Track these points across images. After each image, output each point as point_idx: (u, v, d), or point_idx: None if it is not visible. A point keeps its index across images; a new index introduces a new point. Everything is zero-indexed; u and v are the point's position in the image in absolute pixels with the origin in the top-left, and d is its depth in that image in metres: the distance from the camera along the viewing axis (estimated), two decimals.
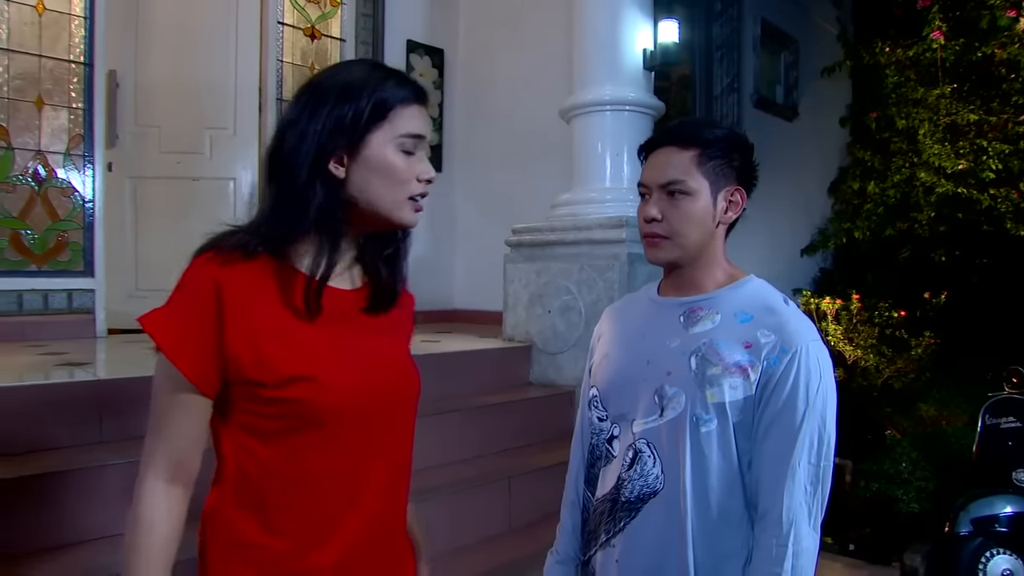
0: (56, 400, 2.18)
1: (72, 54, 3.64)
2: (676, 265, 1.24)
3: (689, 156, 1.19)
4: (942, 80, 5.75)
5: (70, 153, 3.64)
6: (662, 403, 1.17)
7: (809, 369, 1.11)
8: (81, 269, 3.64)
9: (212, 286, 0.93)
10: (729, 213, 1.22)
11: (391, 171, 0.98)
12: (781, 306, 1.18)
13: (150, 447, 0.96)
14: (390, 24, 4.79)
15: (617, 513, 1.21)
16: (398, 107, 0.98)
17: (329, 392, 0.96)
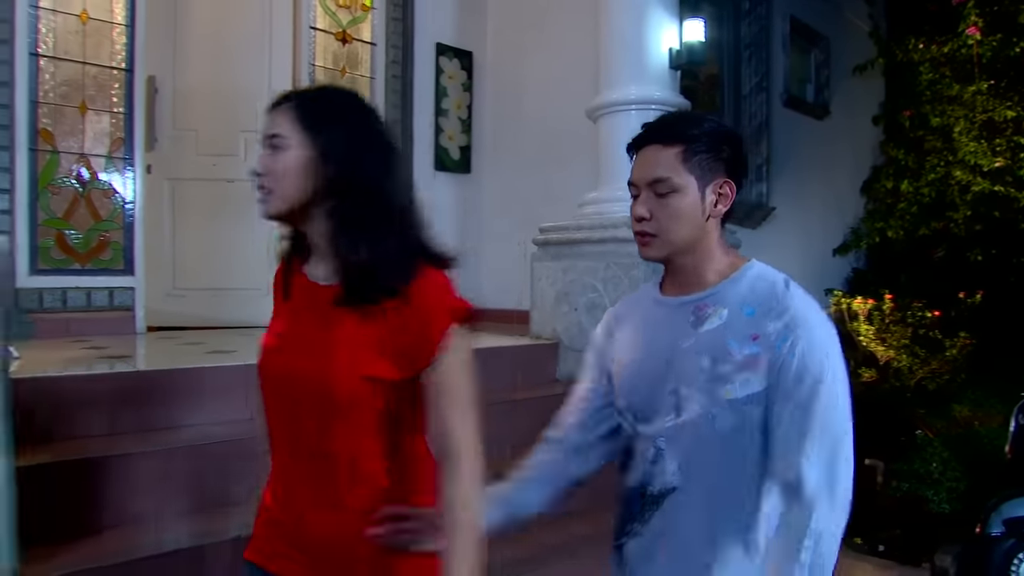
0: (97, 391, 2.27)
1: (114, 61, 3.77)
2: (671, 261, 1.25)
3: (674, 152, 1.19)
4: (978, 76, 5.64)
5: (111, 156, 3.77)
6: (678, 403, 1.18)
7: (816, 351, 1.12)
8: (122, 268, 3.77)
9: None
10: (719, 206, 1.21)
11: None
12: (782, 290, 1.18)
13: None
14: (420, 28, 4.86)
15: (645, 505, 1.24)
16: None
17: (263, 364, 1.18)
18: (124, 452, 2.08)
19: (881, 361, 4.76)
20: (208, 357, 2.86)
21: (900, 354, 4.68)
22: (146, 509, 2.04)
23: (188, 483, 2.11)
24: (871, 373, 4.73)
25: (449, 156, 5.11)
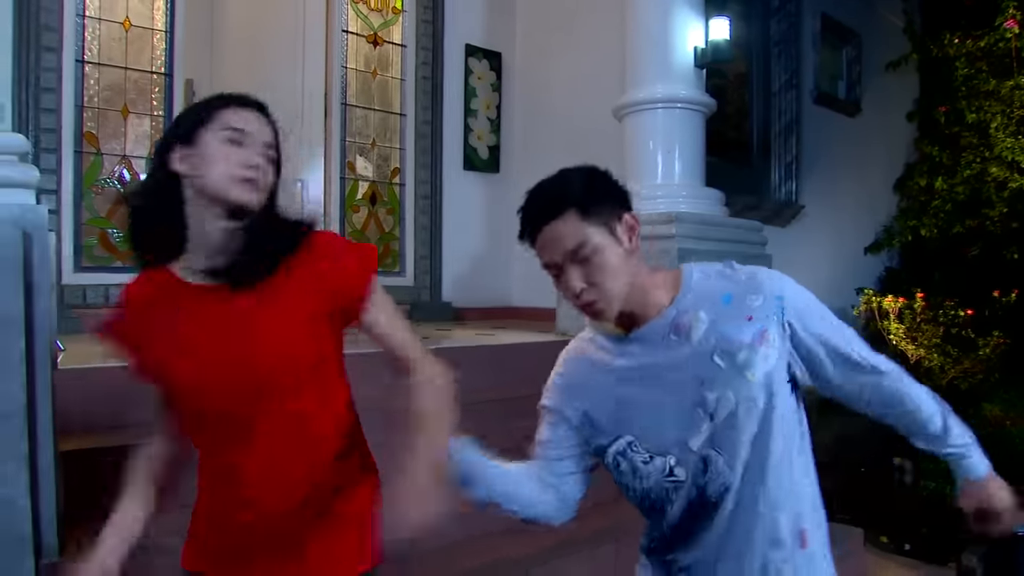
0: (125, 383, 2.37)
1: (154, 66, 3.92)
2: (620, 312, 1.23)
3: (571, 219, 1.18)
4: (1016, 70, 5.54)
5: (151, 158, 3.91)
6: (708, 410, 1.19)
7: (798, 295, 1.24)
8: None
9: (123, 304, 1.27)
10: (634, 240, 1.22)
11: (213, 157, 1.17)
12: (733, 271, 1.26)
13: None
14: (449, 29, 4.94)
15: (702, 516, 1.24)
16: (216, 111, 1.20)
17: (176, 373, 1.19)
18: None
19: (912, 360, 4.72)
20: None
21: (931, 353, 4.64)
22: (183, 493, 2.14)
23: None
24: None
25: (478, 156, 5.18)
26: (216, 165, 1.15)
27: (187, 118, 1.22)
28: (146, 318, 1.20)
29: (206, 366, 1.15)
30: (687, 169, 3.62)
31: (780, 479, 1.21)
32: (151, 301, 1.20)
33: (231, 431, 1.17)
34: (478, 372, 3.20)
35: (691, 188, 3.61)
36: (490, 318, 4.96)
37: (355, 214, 4.70)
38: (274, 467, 1.17)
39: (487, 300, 5.08)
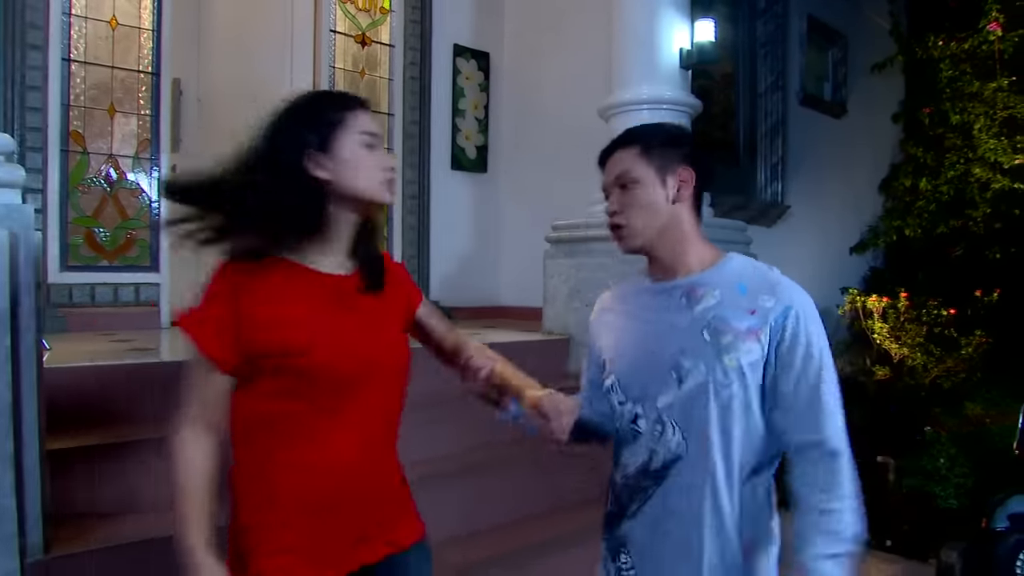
0: (122, 379, 2.39)
1: (141, 65, 3.91)
2: (649, 250, 1.35)
3: (632, 151, 1.33)
4: (999, 73, 5.60)
5: (138, 157, 3.91)
6: (680, 375, 1.27)
7: (809, 321, 1.26)
8: (148, 265, 3.91)
9: (232, 286, 1.22)
10: (682, 191, 1.32)
11: (359, 161, 1.24)
12: (768, 272, 1.31)
13: (182, 408, 1.23)
14: (437, 29, 4.96)
15: (646, 483, 1.32)
16: (349, 113, 1.26)
17: (323, 359, 1.21)
18: (147, 437, 2.18)
19: (895, 359, 4.77)
20: None
21: (915, 352, 4.68)
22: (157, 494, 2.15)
23: None
24: (885, 371, 4.75)
25: (466, 156, 5.19)
26: (362, 170, 1.24)
27: (314, 123, 1.23)
28: (277, 298, 1.22)
29: (347, 348, 1.24)
30: None
31: (732, 477, 1.24)
32: (281, 285, 1.23)
33: (340, 408, 1.25)
34: None
35: None
36: (478, 317, 4.98)
37: None
38: (369, 443, 1.29)
39: (475, 300, 5.09)
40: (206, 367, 1.21)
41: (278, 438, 1.23)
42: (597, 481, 1.59)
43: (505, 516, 2.66)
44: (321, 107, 1.26)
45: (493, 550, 2.48)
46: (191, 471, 1.19)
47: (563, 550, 2.53)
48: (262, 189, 1.20)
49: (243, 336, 1.19)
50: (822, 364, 1.24)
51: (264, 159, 1.23)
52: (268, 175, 1.21)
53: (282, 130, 1.24)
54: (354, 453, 1.26)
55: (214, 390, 1.22)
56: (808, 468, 1.23)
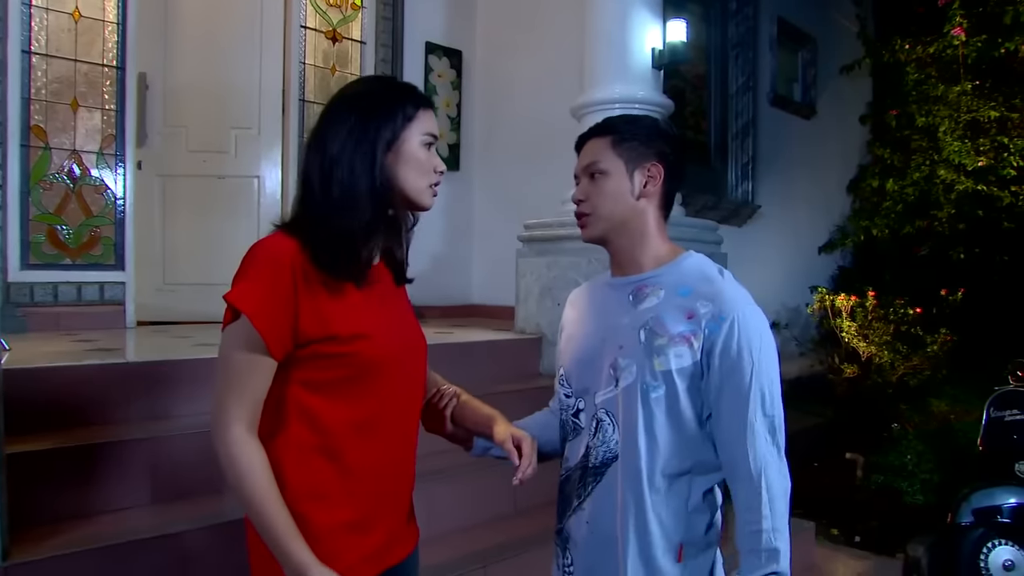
0: (88, 381, 2.32)
1: (105, 58, 3.82)
2: (608, 241, 1.35)
3: (605, 141, 1.33)
4: (963, 77, 5.71)
5: (103, 152, 3.82)
6: (616, 374, 1.27)
7: (749, 333, 1.21)
8: (112, 263, 3.82)
9: (288, 262, 1.10)
10: (648, 187, 1.32)
11: (418, 163, 1.20)
12: (716, 277, 1.29)
13: (228, 404, 1.10)
14: (409, 27, 4.91)
15: (586, 479, 1.32)
16: (420, 109, 1.21)
17: (380, 346, 1.18)
18: (113, 440, 2.12)
19: (863, 357, 4.84)
20: (197, 350, 2.91)
21: (882, 350, 4.76)
22: (135, 496, 2.10)
23: (177, 471, 2.17)
24: (853, 369, 4.82)
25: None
26: (419, 171, 1.20)
27: (391, 117, 1.18)
28: (332, 280, 1.15)
29: (396, 335, 1.23)
30: None
31: (655, 479, 1.24)
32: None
33: (388, 397, 1.21)
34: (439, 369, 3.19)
35: None
36: (450, 316, 4.96)
37: None
38: (406, 435, 1.27)
39: (447, 298, 5.06)
40: (261, 352, 1.09)
41: (323, 432, 1.15)
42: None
43: (466, 520, 2.63)
44: (399, 100, 1.20)
45: (455, 552, 2.45)
46: (261, 478, 1.08)
47: (526, 551, 2.51)
48: (343, 184, 1.14)
49: (304, 318, 1.10)
50: (754, 379, 1.20)
51: (344, 151, 1.15)
52: (347, 170, 1.15)
53: (363, 122, 1.16)
54: (397, 446, 1.24)
55: (264, 380, 1.11)
56: (736, 486, 1.23)
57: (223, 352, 1.11)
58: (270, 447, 1.12)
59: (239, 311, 1.07)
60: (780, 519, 1.19)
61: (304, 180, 1.18)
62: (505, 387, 3.27)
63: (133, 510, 2.07)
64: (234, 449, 1.08)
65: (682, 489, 1.25)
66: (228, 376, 1.10)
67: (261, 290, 1.08)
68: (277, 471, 1.11)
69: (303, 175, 1.19)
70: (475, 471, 2.71)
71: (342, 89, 1.26)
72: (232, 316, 1.10)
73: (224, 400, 1.10)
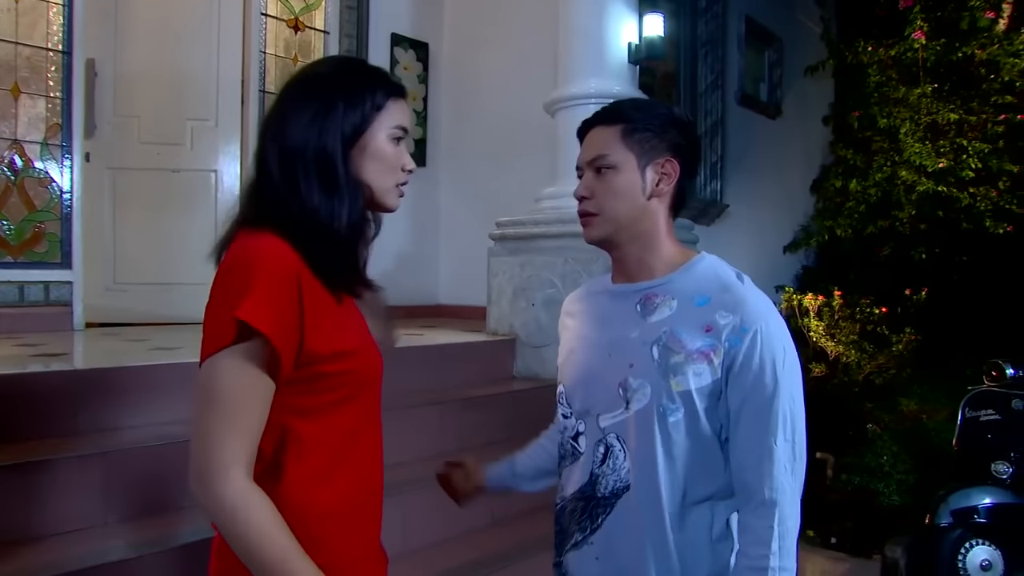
0: (30, 391, 2.13)
1: (50, 42, 3.58)
2: (614, 245, 1.22)
3: (614, 131, 1.19)
4: (923, 80, 5.81)
5: (47, 143, 3.58)
6: (627, 396, 1.14)
7: (773, 346, 1.10)
8: (58, 261, 3.58)
9: (296, 273, 0.95)
10: (661, 185, 1.19)
11: (384, 158, 1.06)
12: (735, 283, 1.16)
13: (225, 444, 0.91)
14: (375, 17, 4.76)
15: (593, 510, 1.19)
16: (391, 99, 1.06)
17: (374, 358, 1.08)
18: (61, 456, 1.95)
19: (831, 356, 4.85)
20: (152, 355, 2.72)
21: (849, 349, 4.78)
22: (86, 516, 1.92)
23: (131, 488, 1.99)
24: (821, 368, 4.83)
25: None
26: (385, 168, 1.06)
27: (357, 104, 1.03)
28: (326, 301, 1.01)
29: (374, 347, 1.11)
30: None
31: (679, 511, 1.12)
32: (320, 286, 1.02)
33: (370, 419, 1.11)
34: (411, 374, 3.07)
35: None
36: (416, 316, 4.82)
37: None
38: (380, 443, 1.16)
39: (413, 298, 4.93)
40: (268, 377, 0.93)
41: (319, 460, 1.01)
42: (540, 494, 1.50)
43: (441, 533, 2.51)
44: (368, 87, 1.05)
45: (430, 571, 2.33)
46: (281, 535, 0.92)
47: (504, 566, 2.42)
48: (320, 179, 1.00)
49: (310, 334, 0.95)
50: (776, 399, 1.08)
51: (308, 141, 1.00)
52: (319, 163, 1.01)
53: (327, 107, 1.01)
54: (379, 466, 1.13)
55: (266, 411, 0.95)
56: (746, 513, 1.12)
57: (216, 381, 0.92)
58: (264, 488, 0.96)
59: (252, 331, 0.90)
60: (788, 558, 1.09)
61: (262, 172, 1.03)
62: (479, 391, 3.17)
63: (86, 532, 1.89)
64: (241, 501, 0.90)
65: (704, 518, 1.13)
66: (224, 409, 0.92)
67: (275, 305, 0.92)
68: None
69: (260, 166, 1.03)
70: None
71: (303, 69, 1.10)
72: (235, 337, 0.90)
73: (219, 440, 0.91)
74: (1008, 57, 5.49)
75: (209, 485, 0.90)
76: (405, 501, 2.41)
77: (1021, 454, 3.00)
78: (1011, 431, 3.04)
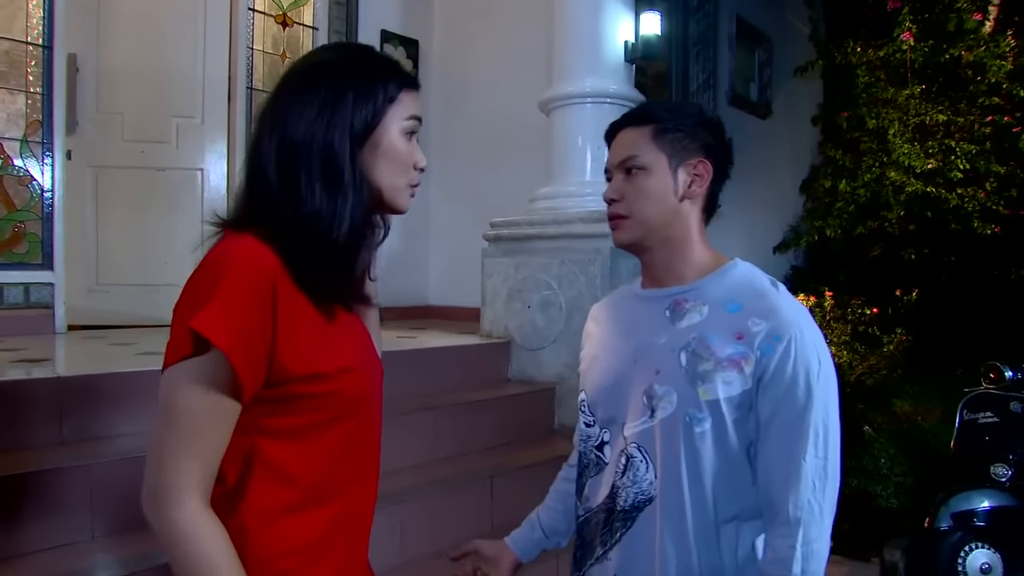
0: (11, 399, 2.04)
1: (30, 36, 3.47)
2: (645, 248, 1.18)
3: (644, 132, 1.16)
4: (911, 81, 5.83)
5: (27, 140, 3.47)
6: (652, 403, 1.10)
7: (807, 356, 1.05)
8: (39, 262, 3.48)
9: (271, 281, 0.86)
10: (694, 187, 1.15)
11: (396, 155, 0.98)
12: (770, 290, 1.12)
13: (180, 466, 0.84)
14: (364, 13, 4.67)
15: (613, 524, 1.14)
16: (404, 91, 0.98)
17: (363, 378, 0.98)
18: (44, 468, 1.86)
19: None
20: (138, 360, 2.63)
21: (841, 350, 4.77)
22: (71, 531, 1.84)
23: (119, 501, 1.91)
24: None
25: None
26: (397, 166, 0.98)
27: (368, 96, 0.94)
28: (308, 313, 0.92)
29: (371, 369, 1.01)
30: None
31: (705, 526, 1.07)
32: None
33: (359, 445, 1.01)
34: (405, 377, 3.00)
35: None
36: (406, 318, 4.75)
37: None
38: (373, 467, 1.06)
39: (403, 299, 4.85)
40: (229, 396, 0.85)
41: (292, 488, 0.93)
42: (539, 500, 1.44)
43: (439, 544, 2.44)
44: (379, 77, 0.96)
45: None
46: (227, 566, 0.85)
47: None
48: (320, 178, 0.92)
49: (283, 350, 0.87)
50: (809, 411, 1.03)
51: (313, 135, 0.92)
52: (321, 159, 0.92)
53: (336, 98, 0.93)
54: (369, 497, 1.04)
55: (228, 433, 0.87)
56: (770, 532, 1.06)
57: (172, 396, 0.85)
58: (223, 514, 0.88)
59: (209, 344, 0.81)
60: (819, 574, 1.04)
61: (256, 171, 0.94)
62: (474, 395, 3.10)
63: (71, 548, 1.82)
64: (189, 529, 0.83)
65: (729, 538, 1.08)
66: (180, 428, 0.84)
67: (238, 316, 0.83)
68: (238, 544, 0.88)
69: (253, 163, 0.95)
70: (446, 489, 2.54)
71: (305, 57, 1.01)
72: (192, 349, 0.82)
73: (174, 461, 0.84)
74: (994, 59, 5.53)
75: (159, 508, 0.84)
76: (402, 510, 2.34)
77: (1020, 457, 2.99)
78: (1009, 433, 3.03)
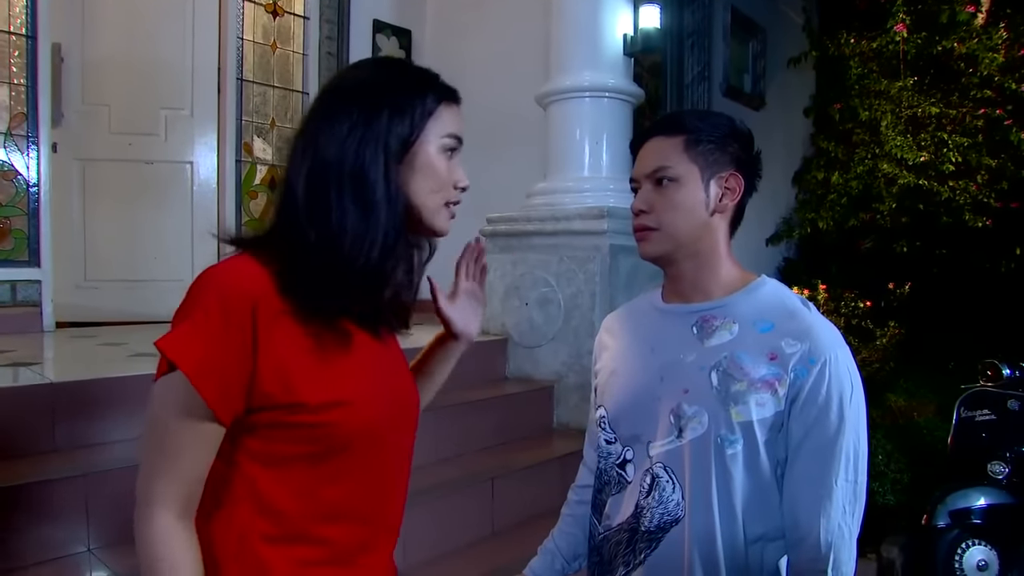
0: (2, 406, 1.99)
1: (12, 25, 3.37)
2: (671, 262, 1.15)
3: (676, 142, 1.12)
4: (904, 73, 5.81)
5: (11, 133, 3.38)
6: (680, 423, 1.07)
7: (841, 380, 1.03)
8: (26, 259, 3.39)
9: (250, 304, 0.82)
10: (725, 200, 1.13)
11: (434, 173, 0.94)
12: (801, 310, 1.09)
13: (156, 479, 0.83)
14: (356, 2, 4.59)
15: (636, 544, 1.11)
16: (442, 105, 0.94)
17: (364, 415, 0.91)
18: (38, 477, 1.82)
19: None
20: (132, 362, 2.58)
21: None
22: (67, 543, 1.80)
23: (116, 510, 1.86)
24: None
25: None
26: (435, 184, 0.94)
27: (395, 115, 0.90)
28: (302, 338, 0.87)
29: (384, 407, 0.95)
30: (615, 161, 3.49)
31: (735, 550, 1.05)
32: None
33: (364, 482, 0.94)
34: None
35: (620, 181, 3.48)
36: None
37: (253, 200, 4.29)
38: (394, 501, 1.01)
39: None
40: (203, 419, 0.82)
41: (277, 520, 0.88)
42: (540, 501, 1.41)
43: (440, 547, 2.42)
44: (416, 91, 0.93)
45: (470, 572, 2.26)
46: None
47: None
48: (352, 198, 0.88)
49: (264, 375, 0.83)
50: (841, 435, 1.02)
51: (345, 153, 0.88)
52: (353, 178, 0.88)
53: (369, 115, 0.89)
54: (376, 538, 0.98)
55: (206, 454, 0.84)
56: (797, 555, 1.05)
57: (155, 410, 0.84)
58: (204, 533, 0.86)
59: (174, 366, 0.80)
60: None
61: (287, 191, 0.90)
62: (471, 394, 3.06)
63: (67, 560, 1.77)
64: (157, 544, 0.81)
65: (755, 559, 1.06)
66: (158, 445, 0.83)
67: (206, 338, 0.80)
68: (211, 566, 0.85)
69: (285, 183, 0.91)
70: (448, 492, 2.51)
71: (337, 75, 0.98)
72: (168, 366, 0.82)
73: (151, 477, 0.83)
74: (986, 52, 5.51)
75: (136, 519, 0.83)
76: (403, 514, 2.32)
77: (1017, 454, 3.00)
78: (1007, 431, 3.04)
